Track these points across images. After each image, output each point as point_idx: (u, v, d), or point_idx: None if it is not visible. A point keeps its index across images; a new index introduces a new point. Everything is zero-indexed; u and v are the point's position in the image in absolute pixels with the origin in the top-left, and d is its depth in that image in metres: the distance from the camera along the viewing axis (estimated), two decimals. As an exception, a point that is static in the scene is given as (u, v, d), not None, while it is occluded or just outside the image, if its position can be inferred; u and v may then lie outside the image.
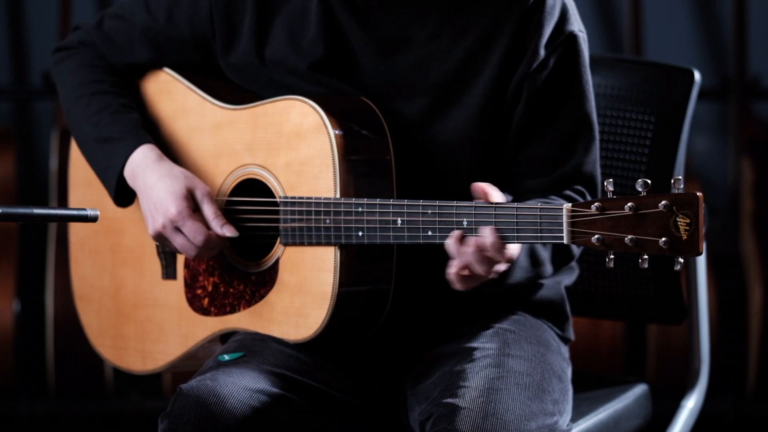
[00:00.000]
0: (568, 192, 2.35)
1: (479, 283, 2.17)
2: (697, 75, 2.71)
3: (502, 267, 2.14)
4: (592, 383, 2.66)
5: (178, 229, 2.34)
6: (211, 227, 2.34)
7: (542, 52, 2.29)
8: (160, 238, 2.37)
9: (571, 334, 2.51)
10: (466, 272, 2.14)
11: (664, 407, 2.86)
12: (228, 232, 2.33)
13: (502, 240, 2.10)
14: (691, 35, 4.58)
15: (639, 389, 2.68)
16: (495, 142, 2.34)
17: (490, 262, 2.12)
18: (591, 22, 4.53)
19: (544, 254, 2.30)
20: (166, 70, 2.51)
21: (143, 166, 2.39)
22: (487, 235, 2.10)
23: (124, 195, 2.45)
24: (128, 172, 2.41)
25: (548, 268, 2.33)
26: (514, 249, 2.13)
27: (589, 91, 2.36)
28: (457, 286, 2.16)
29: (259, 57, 2.40)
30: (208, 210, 2.35)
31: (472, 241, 2.11)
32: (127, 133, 2.43)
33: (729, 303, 4.17)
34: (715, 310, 4.05)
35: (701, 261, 2.74)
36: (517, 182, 2.38)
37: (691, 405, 2.74)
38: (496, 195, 2.13)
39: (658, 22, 4.50)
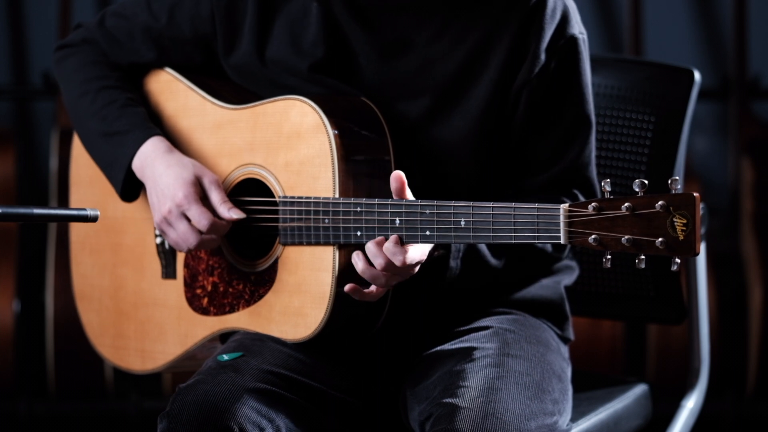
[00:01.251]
0: (563, 197, 2.36)
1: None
2: (697, 75, 2.71)
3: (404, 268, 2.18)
4: (592, 383, 2.66)
5: (183, 215, 2.34)
6: (218, 212, 2.34)
7: (543, 57, 2.29)
8: (165, 225, 2.37)
9: (571, 334, 2.51)
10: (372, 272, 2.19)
11: (664, 407, 2.86)
12: (235, 214, 2.33)
13: (401, 244, 2.15)
14: (691, 35, 4.58)
15: (639, 389, 2.68)
16: (496, 143, 2.34)
17: (390, 264, 2.17)
18: (591, 23, 4.53)
19: (494, 261, 2.32)
20: (167, 69, 2.52)
21: (153, 156, 2.39)
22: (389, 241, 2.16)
23: (130, 189, 2.45)
24: (137, 164, 2.41)
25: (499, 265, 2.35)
26: (414, 253, 2.17)
27: (589, 93, 2.36)
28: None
29: (259, 57, 2.40)
30: (216, 196, 2.35)
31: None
32: (135, 126, 2.43)
33: (729, 303, 4.17)
34: (715, 310, 4.05)
35: (701, 261, 2.74)
36: (514, 180, 2.38)
37: (691, 405, 2.74)
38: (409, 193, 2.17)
39: (658, 22, 4.50)
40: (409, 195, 2.17)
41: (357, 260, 2.18)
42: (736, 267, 4.22)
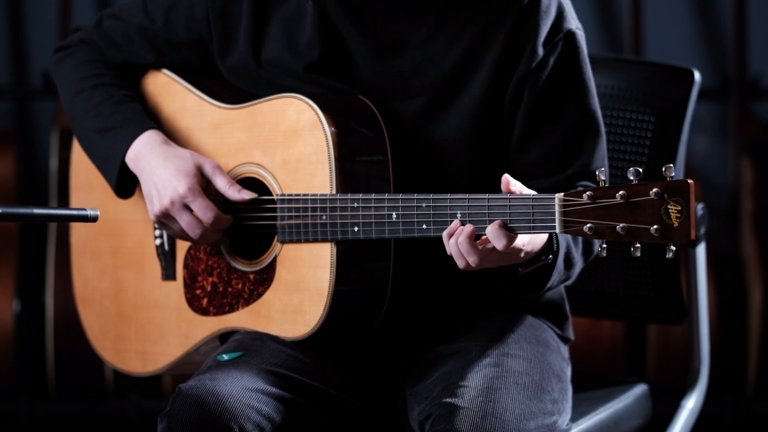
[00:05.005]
0: (581, 185, 2.33)
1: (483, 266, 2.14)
2: (697, 75, 2.71)
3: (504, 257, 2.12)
4: (592, 383, 2.66)
5: (185, 207, 2.34)
6: (228, 195, 2.34)
7: (540, 51, 2.29)
8: (165, 217, 2.36)
9: (571, 334, 2.51)
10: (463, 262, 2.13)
11: (664, 407, 2.86)
12: (247, 195, 2.33)
13: (506, 230, 2.08)
14: (691, 35, 4.58)
15: (639, 389, 2.68)
16: (492, 142, 2.34)
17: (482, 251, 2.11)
18: (591, 22, 4.53)
19: (577, 256, 2.28)
20: (165, 71, 2.52)
21: (148, 148, 2.39)
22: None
23: (125, 184, 2.44)
24: (131, 156, 2.40)
25: (577, 269, 2.30)
26: (519, 241, 2.10)
27: (591, 87, 2.35)
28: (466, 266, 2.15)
29: (255, 59, 2.40)
30: (221, 181, 2.35)
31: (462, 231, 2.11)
32: (130, 120, 2.43)
33: (729, 303, 4.17)
34: (715, 310, 4.05)
35: (701, 261, 2.74)
36: (528, 184, 2.36)
37: (691, 405, 2.74)
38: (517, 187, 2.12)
39: (658, 22, 4.50)
40: (521, 189, 2.12)
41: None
42: (736, 267, 4.22)
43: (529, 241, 2.14)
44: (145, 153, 2.39)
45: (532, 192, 2.12)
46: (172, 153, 2.38)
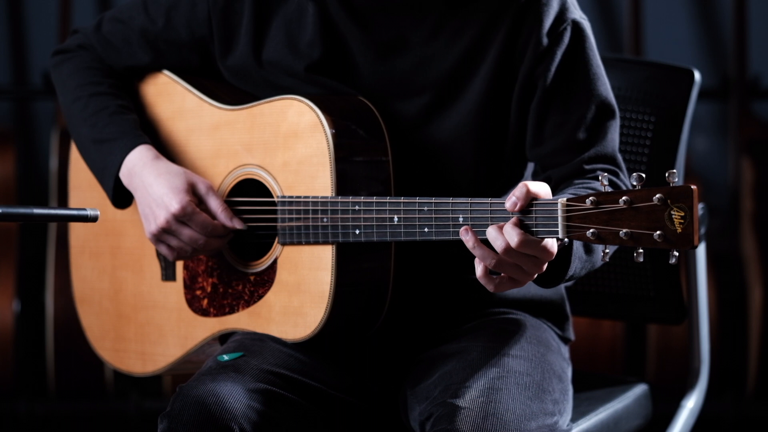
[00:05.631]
0: (599, 172, 2.30)
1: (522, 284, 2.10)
2: (697, 75, 2.71)
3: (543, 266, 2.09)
4: (592, 383, 2.66)
5: (183, 223, 2.34)
6: (220, 220, 2.34)
7: (545, 41, 2.28)
8: (162, 235, 2.37)
9: (571, 334, 2.51)
10: (497, 278, 2.09)
11: (664, 407, 2.86)
12: (237, 224, 2.34)
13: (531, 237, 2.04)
14: (691, 35, 4.58)
15: (639, 389, 2.68)
16: (494, 141, 2.34)
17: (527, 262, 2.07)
18: (591, 23, 4.52)
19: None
20: (165, 72, 2.52)
21: (140, 165, 2.39)
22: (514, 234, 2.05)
23: (121, 196, 2.45)
24: (124, 172, 2.41)
25: (599, 254, 2.24)
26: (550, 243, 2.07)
27: (602, 73, 2.33)
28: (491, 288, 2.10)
29: (256, 59, 2.40)
30: (215, 203, 2.35)
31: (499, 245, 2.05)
32: (124, 133, 2.43)
33: (729, 303, 4.17)
34: (715, 310, 4.05)
35: (701, 261, 2.74)
36: (547, 173, 2.35)
37: (691, 405, 2.74)
38: (533, 187, 2.07)
39: (658, 22, 4.50)
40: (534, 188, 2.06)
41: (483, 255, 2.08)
42: (736, 267, 4.22)
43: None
44: (137, 170, 2.39)
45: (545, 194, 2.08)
46: (165, 169, 2.38)
